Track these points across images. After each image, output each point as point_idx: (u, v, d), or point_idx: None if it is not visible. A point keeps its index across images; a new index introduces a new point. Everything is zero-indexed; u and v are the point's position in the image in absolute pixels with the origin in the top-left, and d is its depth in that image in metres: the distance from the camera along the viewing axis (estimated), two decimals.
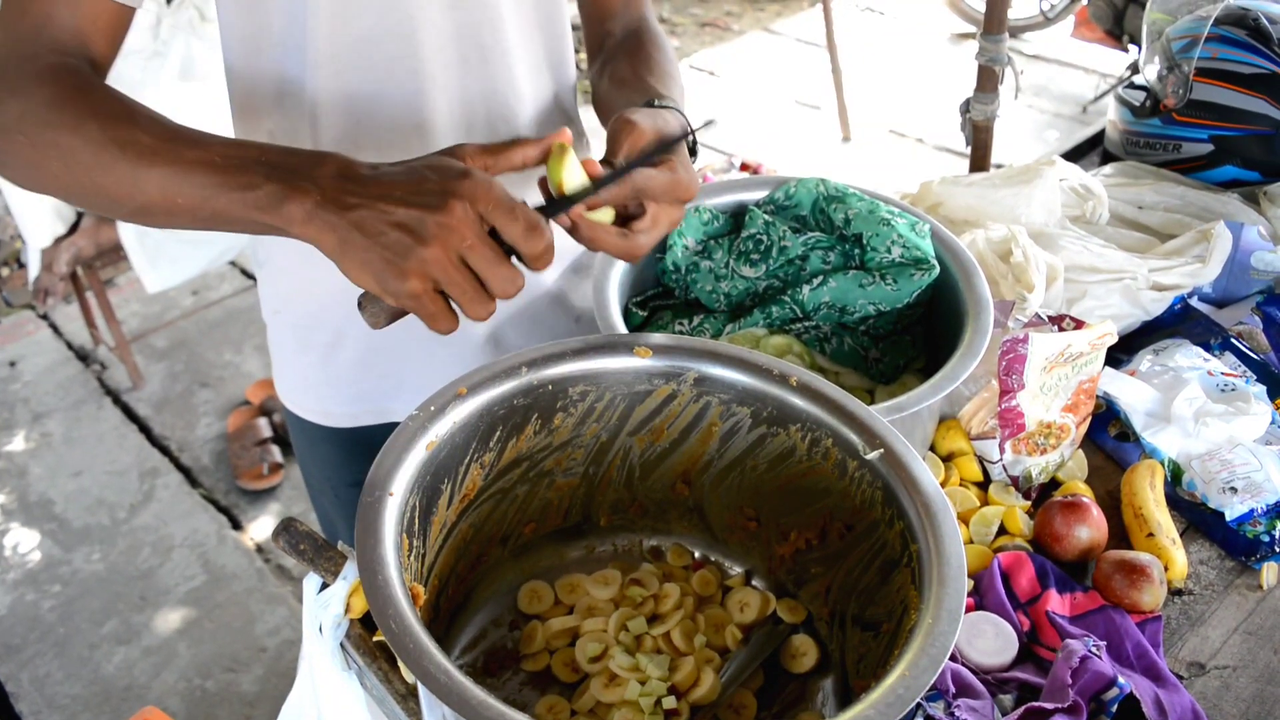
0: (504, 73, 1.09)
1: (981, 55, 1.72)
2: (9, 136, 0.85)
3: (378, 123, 1.06)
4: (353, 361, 1.23)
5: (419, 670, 0.70)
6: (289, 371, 1.29)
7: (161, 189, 0.82)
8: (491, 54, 1.08)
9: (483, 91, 1.09)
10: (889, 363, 1.23)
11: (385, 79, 1.04)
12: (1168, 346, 1.39)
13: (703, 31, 5.34)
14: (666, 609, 1.02)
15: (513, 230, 0.78)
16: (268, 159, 0.80)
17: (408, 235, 0.75)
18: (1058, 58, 4.88)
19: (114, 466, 2.89)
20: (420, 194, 0.76)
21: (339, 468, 1.37)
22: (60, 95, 0.84)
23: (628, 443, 1.04)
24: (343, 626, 1.05)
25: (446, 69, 1.06)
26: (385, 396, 1.27)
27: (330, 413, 1.29)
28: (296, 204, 0.78)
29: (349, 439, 1.31)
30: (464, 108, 1.09)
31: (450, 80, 1.06)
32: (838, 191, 1.28)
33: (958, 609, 0.79)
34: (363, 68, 1.03)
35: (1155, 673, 1.04)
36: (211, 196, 0.81)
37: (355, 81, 1.04)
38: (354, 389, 1.26)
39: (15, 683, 2.34)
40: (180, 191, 0.81)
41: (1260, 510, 1.19)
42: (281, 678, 2.32)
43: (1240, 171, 1.67)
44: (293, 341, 1.26)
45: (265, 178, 0.79)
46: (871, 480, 0.93)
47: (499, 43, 1.08)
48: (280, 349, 1.29)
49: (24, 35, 0.87)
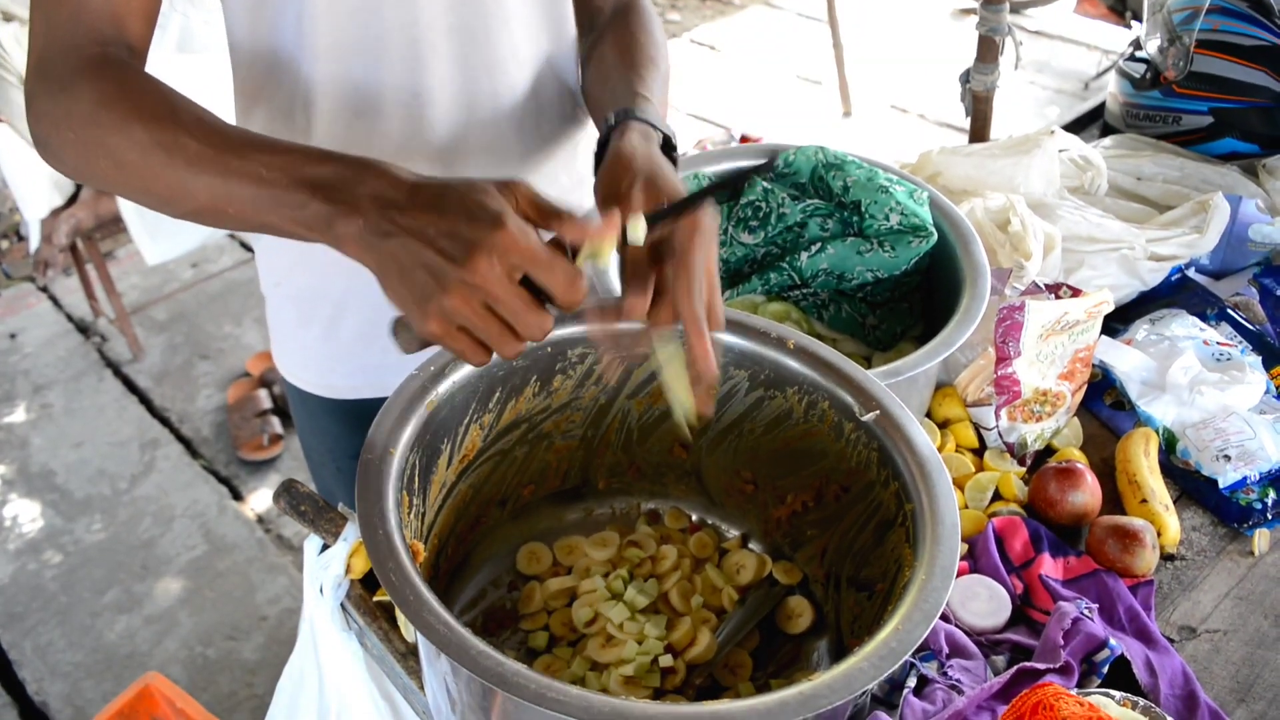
0: (505, 40, 1.09)
1: (982, 25, 1.72)
2: (60, 133, 0.86)
3: (375, 91, 1.06)
4: (355, 334, 1.23)
5: (419, 621, 0.71)
6: (290, 345, 1.29)
7: (211, 196, 0.81)
8: (493, 21, 1.08)
9: (484, 61, 1.09)
10: (886, 330, 1.24)
11: (383, 48, 1.03)
12: (1164, 316, 1.39)
13: (704, 5, 5.31)
14: (664, 569, 1.04)
15: (551, 282, 0.75)
16: (311, 175, 0.79)
17: (432, 279, 0.73)
18: (1060, 34, 4.85)
19: (115, 438, 2.90)
20: (451, 237, 0.73)
21: (340, 439, 1.37)
22: (105, 94, 0.84)
23: (626, 406, 1.05)
24: (343, 587, 1.06)
25: (447, 37, 1.05)
26: (388, 369, 1.26)
27: (333, 385, 1.29)
28: (343, 226, 0.76)
29: (351, 411, 1.31)
30: (464, 75, 1.08)
31: (450, 49, 1.06)
32: (836, 159, 1.28)
33: (951, 566, 0.80)
34: (361, 36, 1.02)
35: (1146, 635, 1.05)
36: (262, 210, 0.80)
37: (352, 50, 1.03)
38: (356, 361, 1.26)
39: (18, 650, 2.36)
40: (230, 202, 0.81)
41: (1253, 478, 1.20)
42: (282, 645, 2.34)
43: (1239, 144, 1.67)
44: (294, 314, 1.25)
45: (311, 195, 0.78)
46: (867, 442, 0.94)
47: (500, 9, 1.07)
48: (280, 322, 1.28)
49: (62, 22, 0.87)
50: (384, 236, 0.75)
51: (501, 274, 0.73)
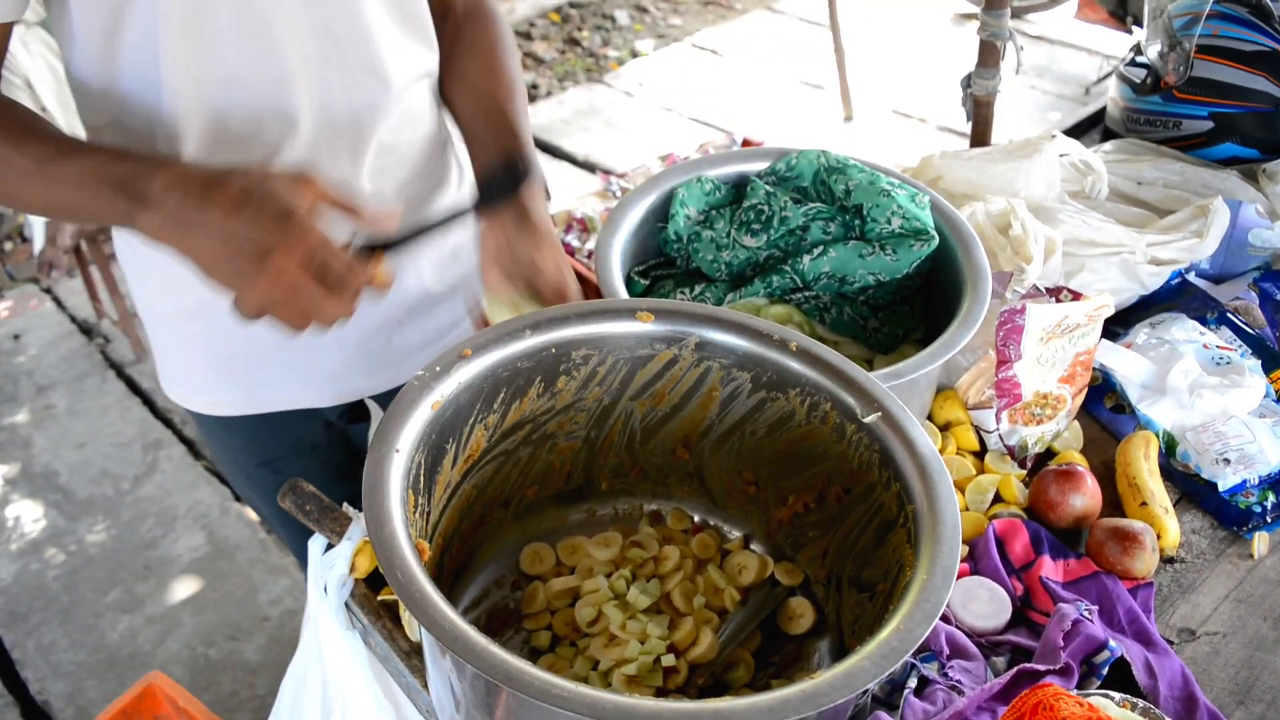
0: (367, 54, 1.07)
1: (983, 30, 1.72)
2: None
3: (239, 121, 1.04)
4: (233, 351, 1.22)
5: (425, 619, 0.72)
6: (171, 366, 1.28)
7: (43, 201, 0.95)
8: (349, 45, 1.05)
9: (345, 84, 1.07)
10: (888, 333, 1.25)
11: (245, 75, 1.01)
12: (1164, 320, 1.40)
13: (705, 10, 5.32)
14: (666, 570, 1.04)
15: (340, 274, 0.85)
16: (111, 174, 0.88)
17: (238, 276, 0.83)
18: (1061, 39, 4.86)
19: (118, 438, 2.91)
20: (246, 237, 0.83)
21: (239, 451, 1.37)
22: None
23: (629, 407, 1.05)
24: (347, 586, 1.07)
25: (306, 63, 1.03)
26: (269, 385, 1.26)
27: (217, 402, 1.28)
28: (145, 218, 0.86)
29: (246, 423, 1.30)
30: (325, 98, 1.06)
31: (311, 74, 1.04)
32: (838, 163, 1.29)
33: (952, 566, 0.81)
34: (221, 66, 1.00)
35: (1146, 637, 1.05)
36: (83, 209, 0.91)
37: (214, 81, 1.01)
38: (238, 377, 1.25)
39: (21, 650, 2.37)
40: (57, 203, 0.93)
41: (1252, 481, 1.21)
42: (284, 646, 2.35)
43: (1239, 149, 1.67)
44: (172, 334, 1.25)
45: (115, 192, 0.87)
46: (869, 443, 0.94)
47: (357, 34, 1.05)
48: (160, 344, 1.28)
49: None
50: (186, 228, 0.84)
51: (296, 267, 0.82)
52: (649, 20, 5.20)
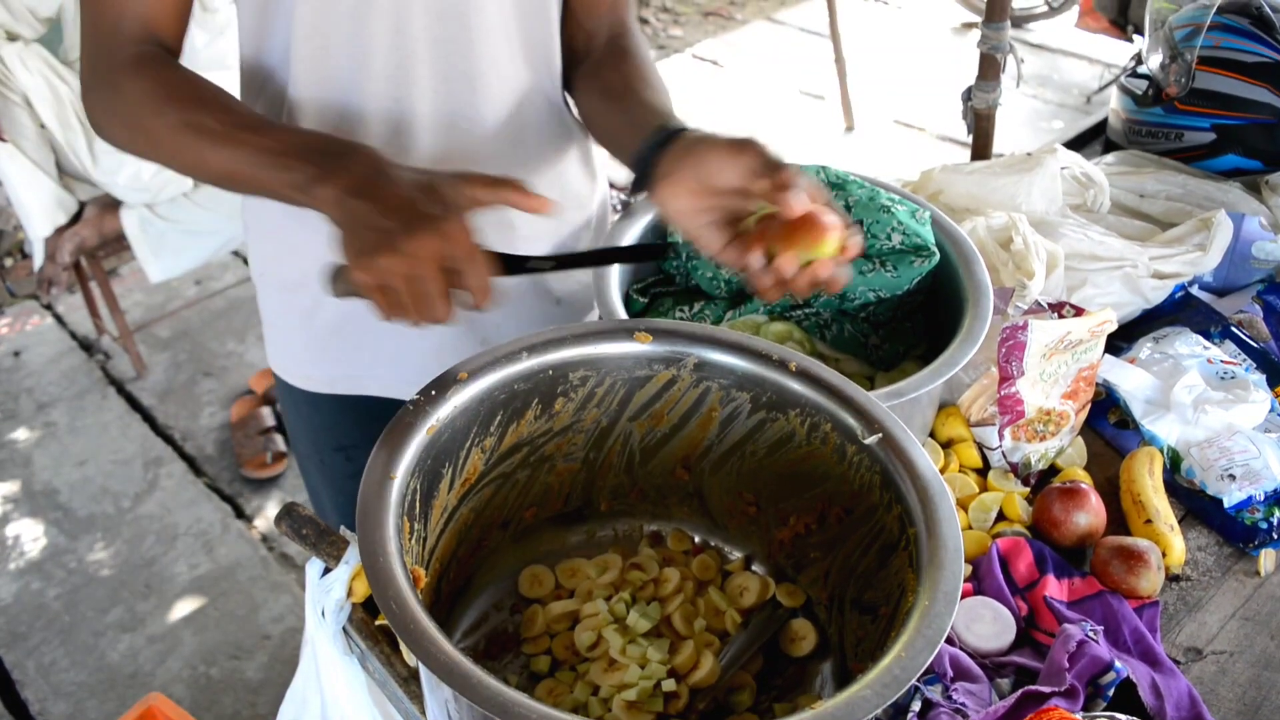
0: (486, 53, 1.10)
1: (983, 43, 1.72)
2: (109, 119, 1.03)
3: (357, 113, 1.09)
4: (330, 328, 1.25)
5: (420, 651, 0.71)
6: (274, 334, 1.32)
7: (224, 164, 0.97)
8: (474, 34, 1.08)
9: (466, 76, 1.10)
10: (889, 349, 1.24)
11: (366, 70, 1.06)
12: (1168, 334, 1.39)
13: (706, 21, 5.32)
14: (667, 592, 1.03)
15: (470, 282, 0.86)
16: (307, 144, 0.93)
17: (378, 239, 0.84)
18: (1061, 47, 4.86)
19: (118, 456, 2.90)
20: (407, 211, 0.85)
21: (323, 431, 1.38)
22: (144, 88, 1.00)
23: (628, 428, 1.04)
24: (345, 610, 1.06)
25: (430, 52, 1.07)
26: (360, 367, 1.28)
27: (310, 377, 1.31)
28: (323, 189, 0.89)
29: (333, 404, 1.32)
30: (446, 92, 1.10)
31: (432, 66, 1.08)
32: (838, 179, 1.28)
33: (954, 591, 0.80)
34: (343, 59, 1.06)
35: (1152, 657, 1.04)
36: (261, 174, 0.94)
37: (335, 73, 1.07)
38: (331, 355, 1.28)
39: (21, 670, 2.36)
40: (239, 167, 0.96)
41: (1258, 497, 1.20)
42: (285, 665, 2.33)
43: (1242, 160, 1.67)
44: (277, 303, 1.29)
45: (304, 162, 0.91)
46: (870, 465, 0.93)
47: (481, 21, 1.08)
48: (267, 311, 1.32)
49: (104, 32, 1.02)
50: (355, 197, 0.87)
51: (433, 255, 0.83)
52: (650, 32, 5.20)
